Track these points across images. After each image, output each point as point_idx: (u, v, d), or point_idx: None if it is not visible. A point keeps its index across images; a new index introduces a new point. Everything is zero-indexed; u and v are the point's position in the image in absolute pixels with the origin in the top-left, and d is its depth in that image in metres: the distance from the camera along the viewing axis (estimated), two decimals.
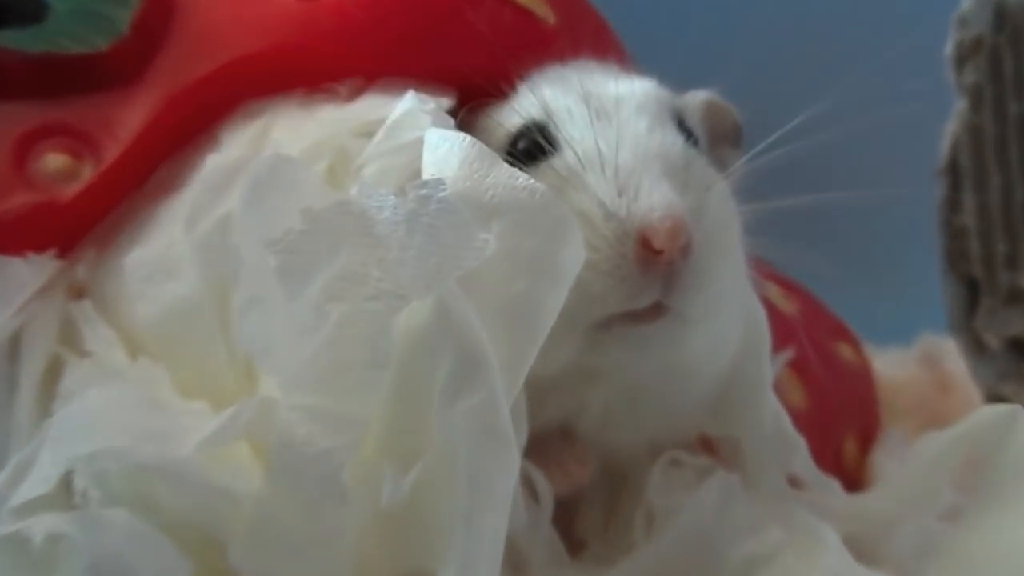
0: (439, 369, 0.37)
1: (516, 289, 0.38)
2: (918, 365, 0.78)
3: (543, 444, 0.44)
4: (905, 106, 0.48)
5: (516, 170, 0.39)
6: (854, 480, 0.58)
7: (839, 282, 0.49)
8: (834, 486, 0.52)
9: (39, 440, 0.40)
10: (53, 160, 0.46)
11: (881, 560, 0.48)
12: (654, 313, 0.42)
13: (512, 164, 0.40)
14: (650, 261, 0.41)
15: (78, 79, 0.47)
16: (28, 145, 0.46)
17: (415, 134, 0.43)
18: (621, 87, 0.47)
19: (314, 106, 0.47)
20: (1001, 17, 0.59)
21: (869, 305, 0.56)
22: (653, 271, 0.41)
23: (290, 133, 0.45)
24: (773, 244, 0.47)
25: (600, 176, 0.43)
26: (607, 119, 0.45)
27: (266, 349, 0.38)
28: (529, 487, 0.44)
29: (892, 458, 0.59)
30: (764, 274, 0.50)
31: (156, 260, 0.43)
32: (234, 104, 0.47)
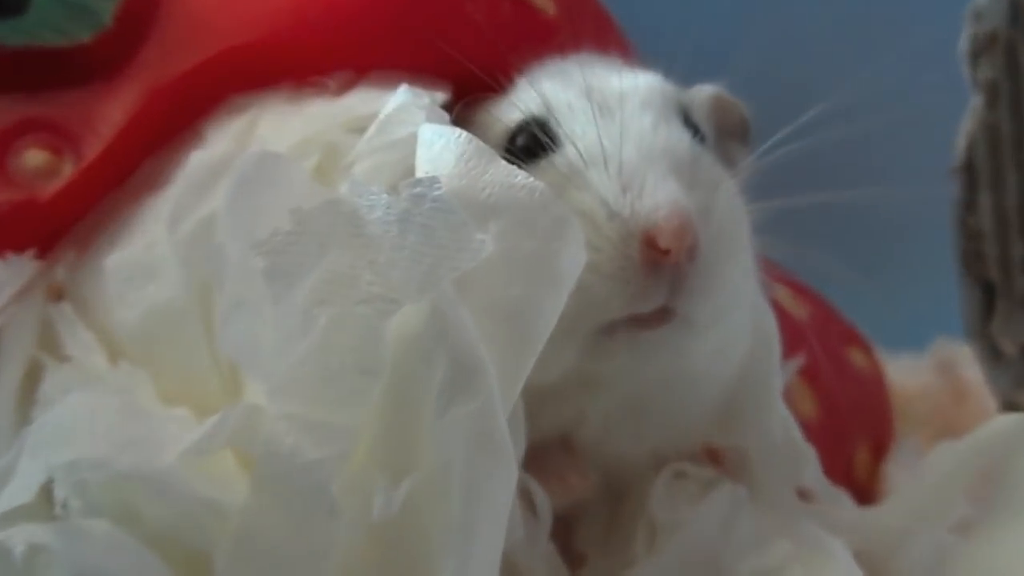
0: (433, 376, 0.36)
1: (514, 292, 0.38)
2: (932, 372, 0.79)
3: (542, 455, 0.44)
4: (919, 102, 0.47)
5: (514, 168, 0.39)
6: (866, 491, 0.59)
7: (851, 284, 0.49)
8: (844, 498, 0.52)
9: (18, 448, 0.40)
10: (33, 157, 0.46)
11: (892, 575, 0.47)
12: (659, 318, 0.42)
13: (510, 161, 0.40)
14: (655, 262, 0.40)
15: (60, 73, 0.47)
16: (7, 142, 0.46)
17: (408, 130, 0.43)
18: (625, 81, 0.47)
19: (303, 100, 0.47)
20: (1017, 10, 0.59)
21: (882, 308, 0.55)
22: (658, 273, 0.40)
23: (277, 128, 0.45)
24: (783, 245, 0.47)
25: (603, 174, 0.42)
26: (610, 114, 0.45)
27: (252, 355, 0.37)
28: (527, 500, 0.44)
29: (905, 469, 0.60)
30: (774, 276, 0.50)
31: (137, 261, 0.43)
32: (219, 98, 0.47)
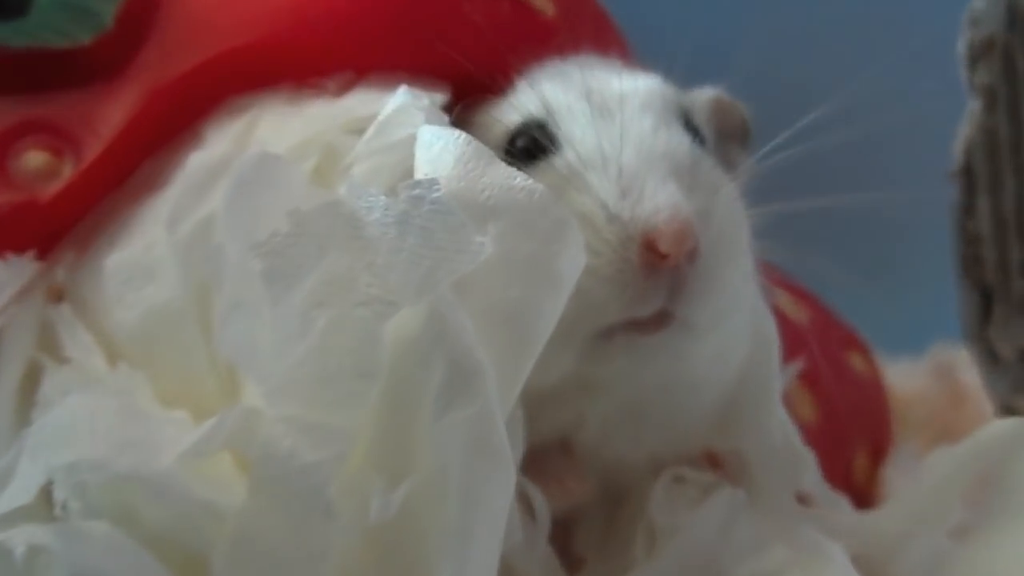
0: (431, 379, 0.36)
1: (513, 295, 0.38)
2: (931, 376, 0.79)
3: (540, 458, 0.44)
4: (918, 106, 0.47)
5: (514, 170, 0.39)
6: (865, 495, 0.59)
7: (850, 288, 0.48)
8: (843, 503, 0.51)
9: (18, 449, 0.40)
10: (33, 158, 0.45)
11: None
12: (659, 322, 0.41)
13: (510, 163, 0.39)
14: (655, 266, 0.40)
15: (60, 74, 0.47)
16: (8, 143, 0.45)
17: (407, 131, 0.43)
18: (624, 83, 0.46)
19: (302, 101, 0.47)
20: (1014, 15, 0.58)
21: (881, 312, 0.55)
22: (658, 277, 0.40)
23: (276, 130, 0.45)
24: (782, 249, 0.47)
25: (602, 177, 0.42)
26: (610, 117, 0.44)
27: (250, 356, 0.37)
28: (525, 503, 0.43)
29: (903, 473, 0.60)
30: (773, 280, 0.49)
31: (136, 262, 0.43)
32: (219, 99, 0.47)
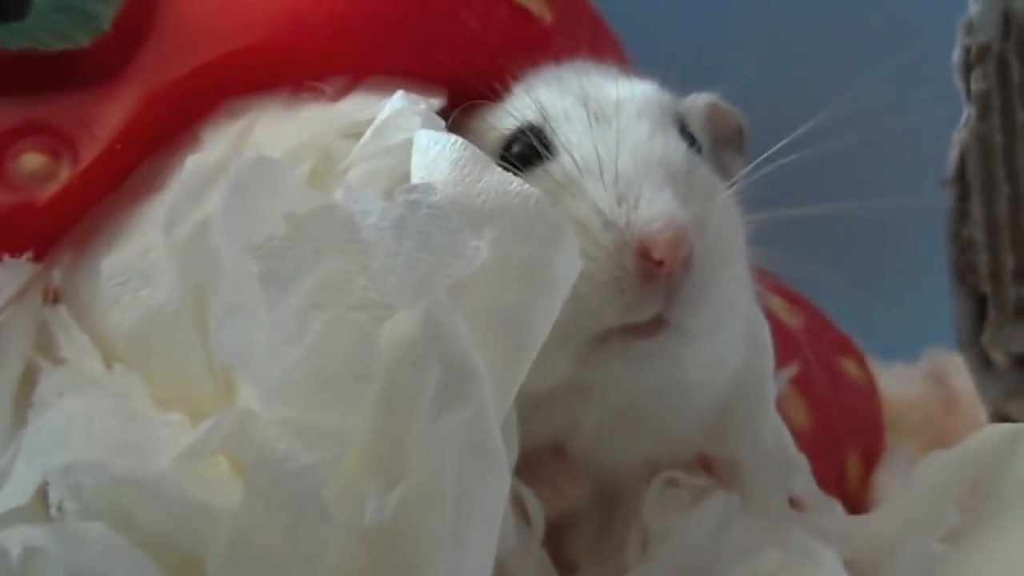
0: (426, 382, 0.36)
1: (508, 299, 0.37)
2: (924, 382, 0.79)
3: (535, 462, 0.44)
4: (912, 113, 0.47)
5: (510, 175, 0.39)
6: (857, 500, 0.59)
7: (844, 294, 0.48)
8: (835, 507, 0.51)
9: (14, 450, 0.40)
10: (30, 160, 0.45)
11: None
12: (654, 327, 0.41)
13: (506, 169, 0.39)
14: (650, 273, 0.40)
15: (59, 76, 0.47)
16: (5, 145, 0.45)
17: (404, 135, 0.43)
18: (621, 90, 0.46)
19: (299, 105, 0.47)
20: (1009, 23, 0.59)
21: (875, 318, 0.55)
22: (653, 283, 0.40)
23: (273, 133, 0.45)
24: (777, 255, 0.47)
25: (599, 183, 0.42)
26: (606, 123, 0.44)
27: (246, 359, 0.37)
28: (519, 507, 0.43)
29: (896, 478, 0.60)
30: (768, 286, 0.49)
31: (133, 264, 0.43)
32: (216, 102, 0.47)
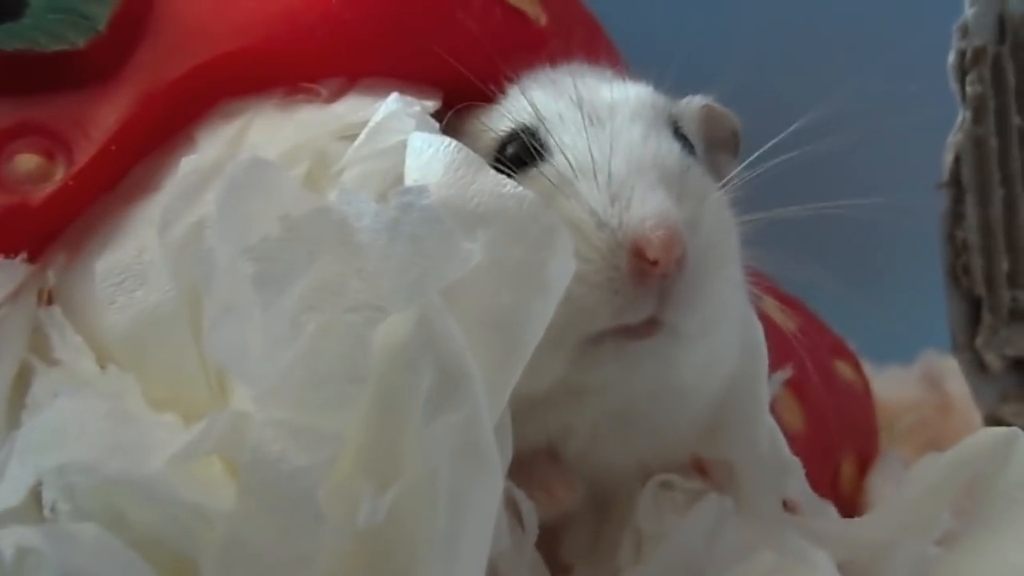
0: (420, 384, 0.36)
1: (502, 301, 0.37)
2: (919, 385, 0.79)
3: (528, 465, 0.44)
4: (907, 116, 0.47)
5: (503, 177, 0.39)
6: (851, 503, 0.59)
7: (839, 297, 0.48)
8: (829, 510, 0.51)
9: (7, 451, 0.39)
10: (25, 161, 0.45)
11: None
12: (648, 328, 0.41)
13: (500, 171, 0.40)
14: (644, 273, 0.40)
15: (54, 77, 0.46)
16: (0, 146, 0.45)
17: (398, 137, 0.43)
18: (615, 92, 0.46)
19: (294, 107, 0.46)
20: (1004, 27, 0.59)
21: (869, 321, 0.55)
22: (647, 284, 0.40)
23: (268, 135, 0.45)
24: (771, 257, 0.47)
25: (592, 184, 0.42)
26: (600, 125, 0.44)
27: (240, 360, 0.37)
28: (513, 509, 0.43)
29: (889, 481, 0.60)
30: (762, 288, 0.49)
31: (127, 265, 0.43)
32: (212, 103, 0.46)
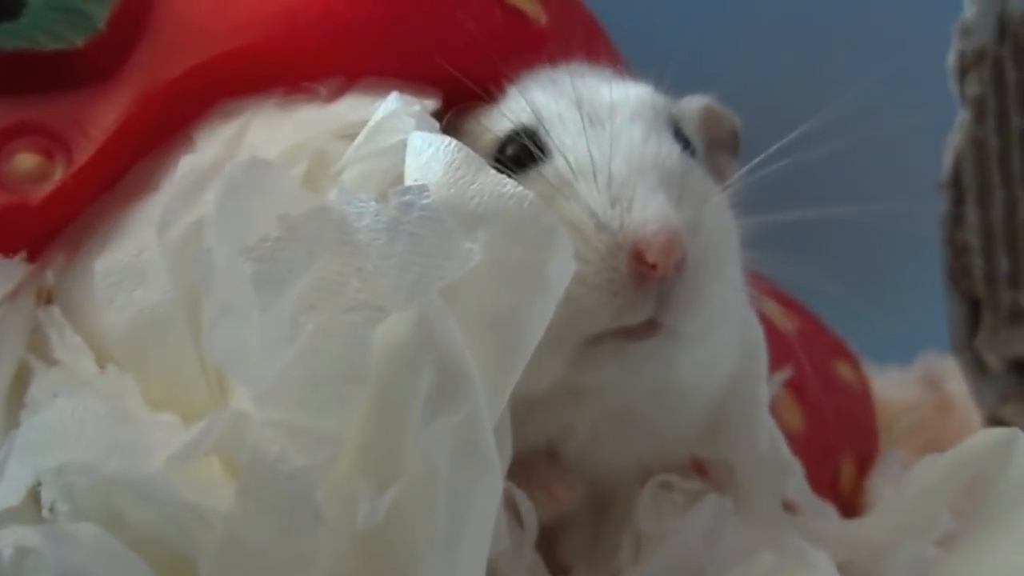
0: (419, 385, 0.36)
1: (502, 302, 0.37)
2: (918, 386, 0.79)
3: (528, 465, 0.44)
4: (908, 117, 0.47)
5: (504, 177, 0.39)
6: (851, 504, 0.59)
7: (838, 298, 0.48)
8: (829, 511, 0.52)
9: (6, 451, 0.39)
10: (24, 160, 0.45)
11: None
12: (647, 330, 0.41)
13: (500, 171, 0.39)
14: (643, 276, 0.40)
15: (53, 76, 0.46)
16: None
17: (398, 137, 0.42)
18: (615, 92, 0.46)
19: (293, 106, 0.46)
20: (1004, 27, 0.59)
21: (869, 322, 0.55)
22: (646, 286, 0.40)
23: (267, 135, 0.45)
24: (771, 258, 0.47)
25: (592, 185, 0.42)
26: (600, 126, 0.44)
27: (239, 360, 0.37)
28: (513, 510, 0.43)
29: (889, 482, 0.59)
30: (762, 290, 0.49)
31: (126, 265, 0.43)
32: (211, 103, 0.46)
